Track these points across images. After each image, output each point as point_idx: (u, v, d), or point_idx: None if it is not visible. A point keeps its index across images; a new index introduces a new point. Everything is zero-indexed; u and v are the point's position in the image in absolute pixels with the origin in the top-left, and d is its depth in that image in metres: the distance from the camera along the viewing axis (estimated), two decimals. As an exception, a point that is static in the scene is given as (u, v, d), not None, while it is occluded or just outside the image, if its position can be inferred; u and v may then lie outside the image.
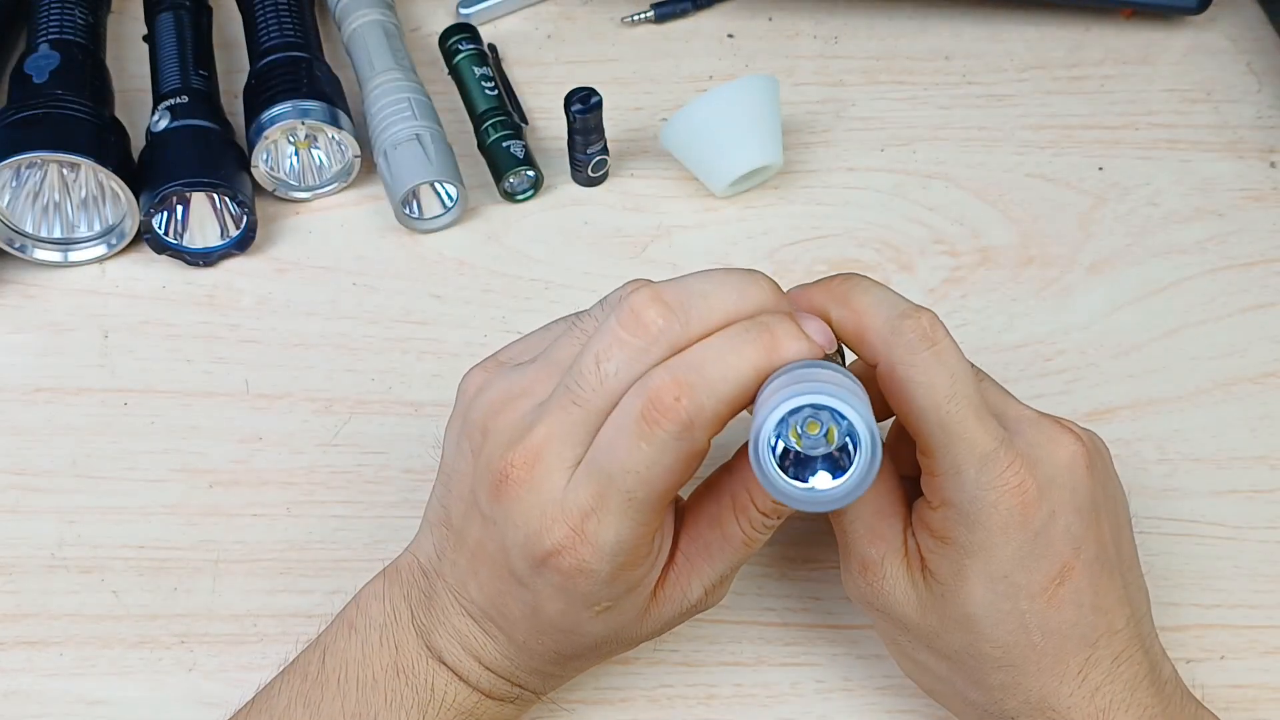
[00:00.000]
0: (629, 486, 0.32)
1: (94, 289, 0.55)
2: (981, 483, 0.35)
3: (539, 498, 0.34)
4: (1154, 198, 0.58)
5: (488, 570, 0.36)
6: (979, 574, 0.36)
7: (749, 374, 0.32)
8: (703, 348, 0.33)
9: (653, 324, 0.33)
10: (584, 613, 0.35)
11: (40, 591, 0.47)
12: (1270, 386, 0.52)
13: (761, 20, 0.65)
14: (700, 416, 0.32)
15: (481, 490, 0.35)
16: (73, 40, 0.57)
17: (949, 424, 0.35)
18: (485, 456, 0.35)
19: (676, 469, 0.33)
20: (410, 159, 0.55)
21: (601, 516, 0.33)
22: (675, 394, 0.32)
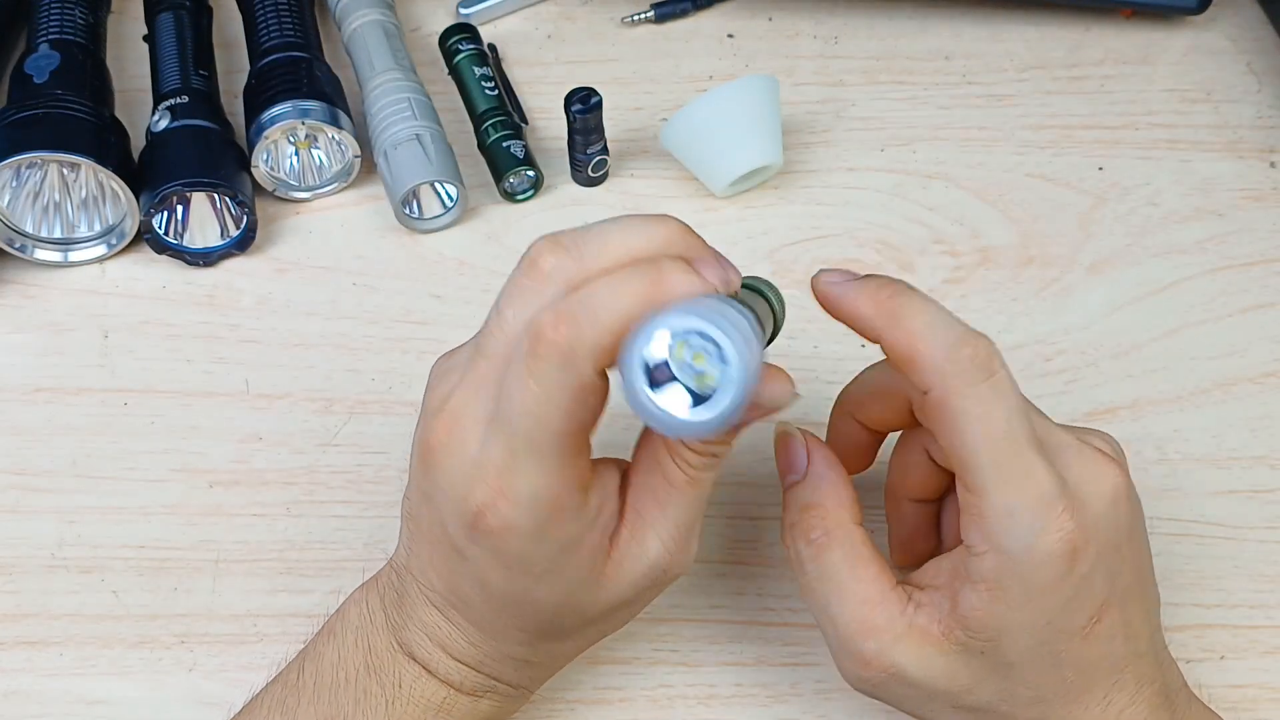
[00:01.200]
0: (527, 430, 0.31)
1: (94, 289, 0.55)
2: (1037, 529, 0.33)
3: (460, 460, 0.33)
4: (1154, 198, 0.58)
5: (437, 550, 0.36)
6: (1024, 624, 0.34)
7: (633, 305, 0.31)
8: (591, 283, 0.32)
9: (546, 264, 0.33)
10: (525, 578, 0.34)
11: (40, 591, 0.47)
12: (1270, 386, 0.52)
13: (761, 20, 0.65)
14: (580, 345, 0.31)
15: (417, 467, 0.35)
16: (73, 40, 0.57)
17: (1005, 463, 0.33)
18: (418, 433, 0.35)
19: (568, 406, 0.31)
20: (410, 159, 0.55)
21: (514, 467, 0.32)
22: (555, 324, 0.31)
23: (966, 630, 0.35)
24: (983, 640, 0.35)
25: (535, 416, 0.31)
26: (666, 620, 0.46)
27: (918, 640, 0.36)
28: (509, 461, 0.32)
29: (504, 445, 0.32)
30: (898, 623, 0.36)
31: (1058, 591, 0.34)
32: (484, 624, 0.37)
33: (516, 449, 0.32)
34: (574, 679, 0.45)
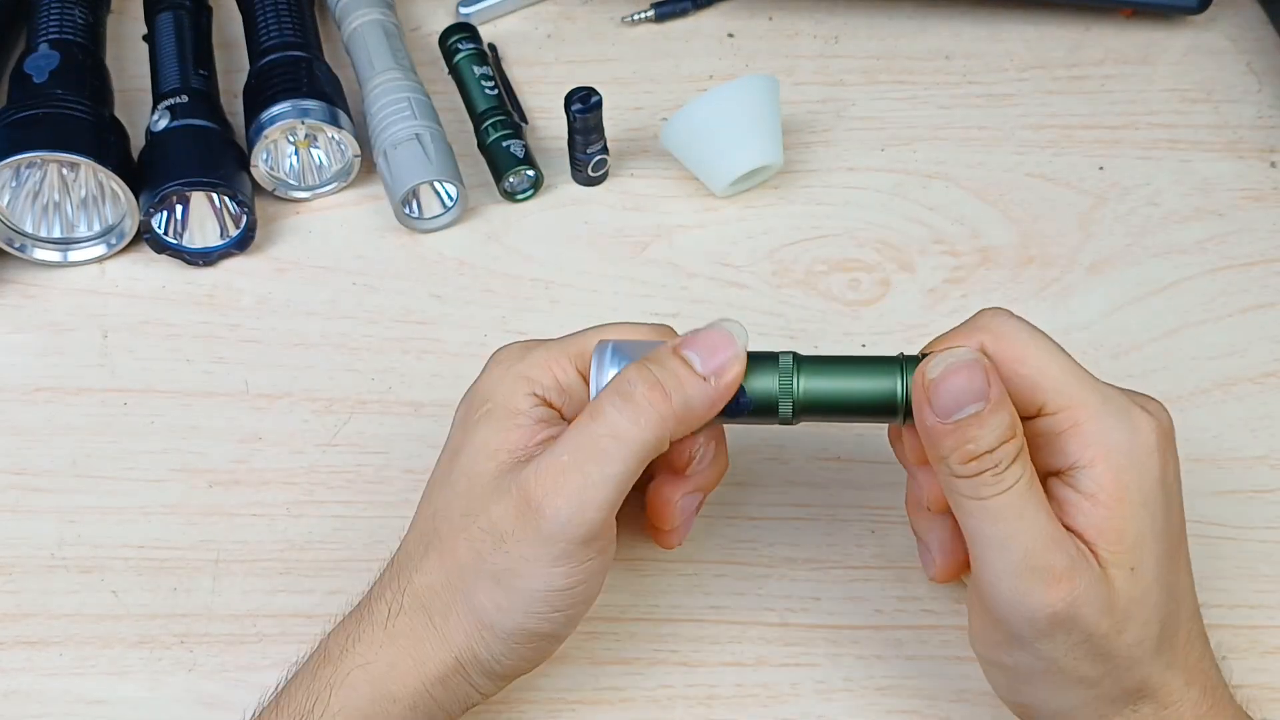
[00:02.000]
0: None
1: (94, 289, 0.55)
2: (1131, 422, 0.36)
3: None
4: (1154, 198, 0.58)
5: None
6: (1150, 528, 0.36)
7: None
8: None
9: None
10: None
11: (40, 591, 0.47)
12: (1270, 386, 0.52)
13: (761, 20, 0.65)
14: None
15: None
16: (73, 40, 0.57)
17: (1083, 378, 0.36)
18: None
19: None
20: (410, 159, 0.55)
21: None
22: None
23: (1110, 546, 0.35)
24: (1126, 551, 0.35)
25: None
26: (667, 620, 0.46)
27: (1088, 562, 0.35)
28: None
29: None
30: (1073, 543, 0.35)
31: (1161, 488, 0.36)
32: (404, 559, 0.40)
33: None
34: (575, 679, 0.45)
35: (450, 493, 0.39)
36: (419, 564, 0.39)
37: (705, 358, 0.37)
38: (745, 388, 0.38)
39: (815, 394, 0.38)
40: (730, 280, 0.55)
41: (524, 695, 0.44)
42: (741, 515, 0.48)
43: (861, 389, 0.38)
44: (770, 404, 0.38)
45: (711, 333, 0.38)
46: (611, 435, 0.36)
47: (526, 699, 0.44)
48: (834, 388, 0.38)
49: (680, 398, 0.37)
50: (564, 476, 0.36)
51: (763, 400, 0.38)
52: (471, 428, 0.39)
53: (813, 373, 0.38)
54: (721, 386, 0.37)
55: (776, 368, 0.38)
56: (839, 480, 0.49)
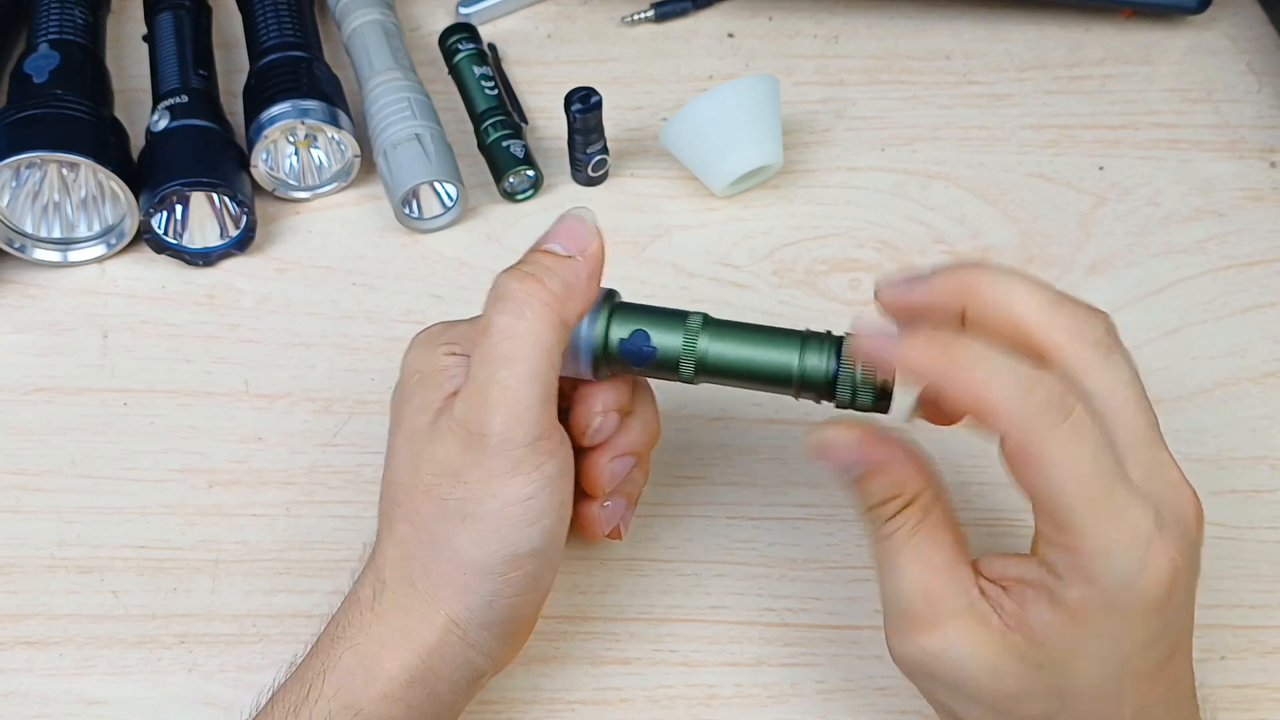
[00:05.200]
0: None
1: (94, 289, 0.55)
2: (1137, 566, 0.32)
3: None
4: (1154, 198, 0.58)
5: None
6: (1100, 655, 0.33)
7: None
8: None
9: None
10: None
11: (40, 591, 0.47)
12: (1270, 386, 0.52)
13: (761, 20, 0.65)
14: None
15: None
16: (73, 40, 0.57)
17: (1098, 502, 0.32)
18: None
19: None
20: (410, 159, 0.55)
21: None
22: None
23: (1030, 642, 0.34)
24: (1045, 657, 0.34)
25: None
26: (667, 621, 0.46)
27: (975, 623, 0.35)
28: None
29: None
30: (959, 598, 0.35)
31: (1146, 627, 0.33)
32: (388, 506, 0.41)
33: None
34: (575, 679, 0.45)
35: (397, 461, 0.39)
36: (389, 538, 0.39)
37: (565, 242, 0.38)
38: (652, 338, 0.40)
39: (716, 357, 0.40)
40: (730, 280, 0.55)
41: (524, 695, 0.44)
42: (741, 515, 0.48)
43: (761, 359, 0.39)
44: (673, 359, 0.40)
45: (563, 222, 0.39)
46: (505, 337, 0.37)
47: (526, 699, 0.44)
48: (735, 354, 0.39)
49: (555, 280, 0.37)
50: (486, 392, 0.36)
51: (667, 354, 0.40)
52: (405, 402, 0.40)
53: (717, 335, 0.40)
54: (591, 260, 0.38)
55: (684, 325, 0.40)
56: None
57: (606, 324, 0.40)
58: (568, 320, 0.38)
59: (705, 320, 0.40)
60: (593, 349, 0.40)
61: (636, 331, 0.40)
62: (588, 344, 0.40)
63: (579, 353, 0.40)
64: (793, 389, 0.39)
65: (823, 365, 0.39)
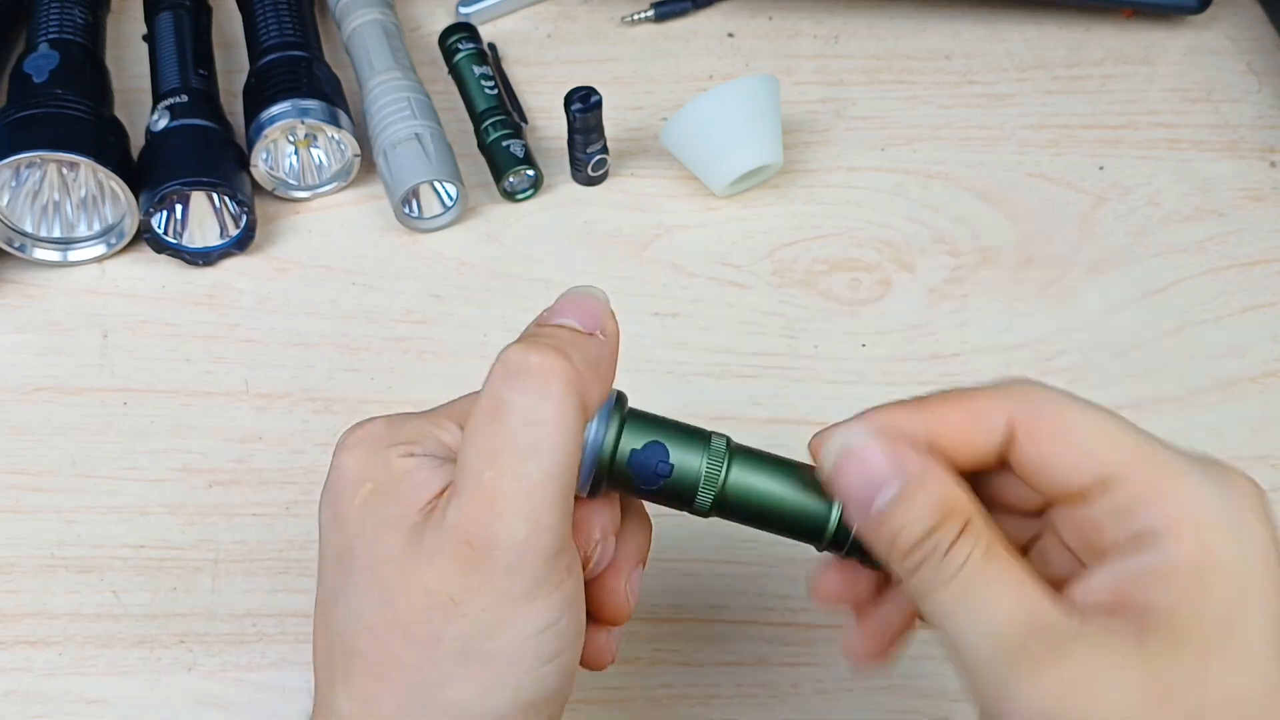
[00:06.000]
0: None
1: (93, 289, 0.55)
2: (1228, 485, 0.29)
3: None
4: (1154, 197, 0.58)
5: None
6: (1259, 615, 0.27)
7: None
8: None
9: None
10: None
11: (40, 591, 0.47)
12: (1270, 386, 0.52)
13: (761, 20, 0.65)
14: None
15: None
16: (73, 40, 0.57)
17: (1144, 439, 0.29)
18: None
19: None
20: (410, 158, 0.55)
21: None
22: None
23: (1180, 630, 0.27)
24: (1203, 635, 0.27)
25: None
26: (667, 620, 0.46)
27: (1106, 639, 0.27)
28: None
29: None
30: (1072, 618, 0.28)
31: (1276, 563, 0.28)
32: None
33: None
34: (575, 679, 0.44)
35: (357, 599, 0.30)
36: (345, 698, 0.30)
37: (581, 317, 0.32)
38: (670, 454, 0.33)
39: (741, 492, 0.33)
40: (730, 280, 0.55)
41: (524, 695, 0.44)
42: (741, 515, 0.48)
43: (793, 504, 0.33)
44: (690, 486, 0.33)
45: (573, 296, 0.32)
46: (527, 422, 0.29)
47: (526, 699, 0.44)
48: (763, 492, 0.33)
49: (579, 354, 0.30)
50: (498, 493, 0.29)
51: (685, 478, 0.33)
52: (355, 522, 0.31)
53: (745, 466, 0.33)
54: (610, 337, 0.32)
55: (707, 448, 0.33)
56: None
57: (619, 430, 0.32)
58: (589, 408, 0.31)
59: (730, 446, 0.33)
60: (598, 458, 0.32)
61: (653, 444, 0.33)
62: (592, 453, 0.32)
63: (580, 462, 0.32)
64: (822, 542, 0.33)
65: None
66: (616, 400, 0.33)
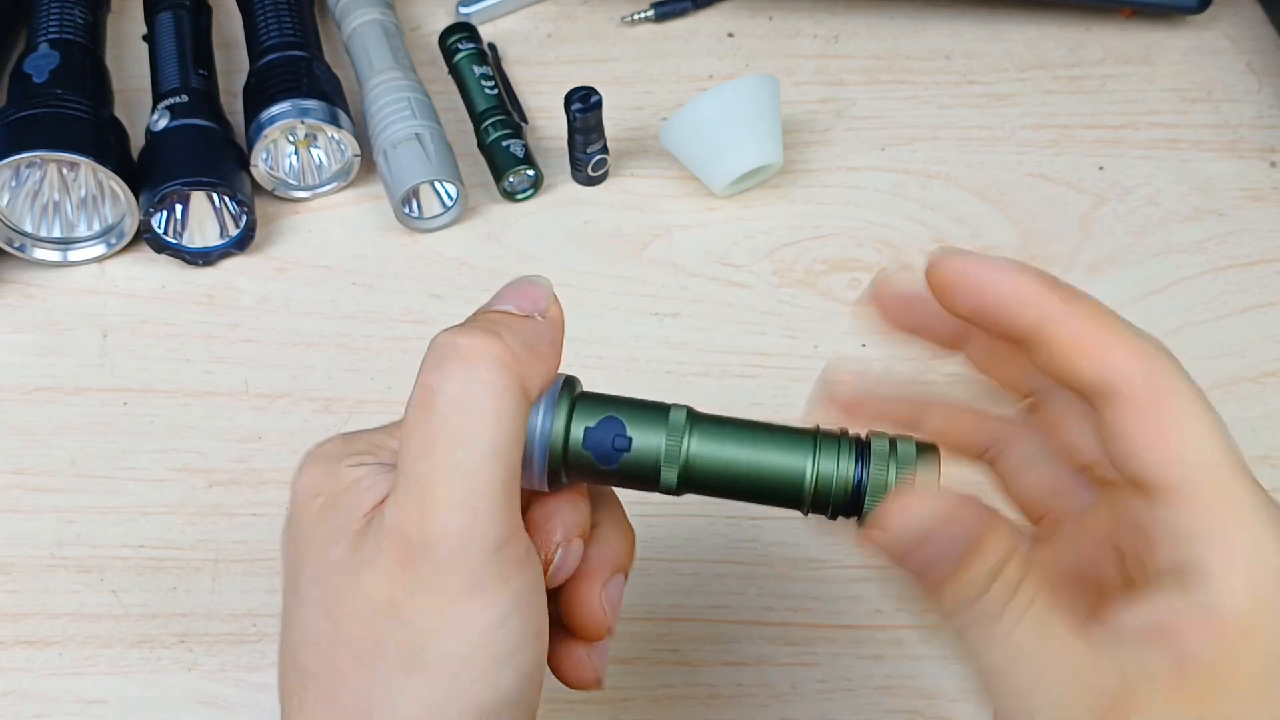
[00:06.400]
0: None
1: (93, 288, 0.55)
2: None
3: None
4: (1154, 197, 0.58)
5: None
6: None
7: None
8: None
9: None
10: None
11: (40, 591, 0.47)
12: (1270, 386, 0.52)
13: (761, 20, 0.65)
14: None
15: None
16: (73, 40, 0.57)
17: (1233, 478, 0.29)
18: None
19: None
20: (410, 158, 0.55)
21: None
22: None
23: (1212, 678, 0.26)
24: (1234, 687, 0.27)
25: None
26: (667, 620, 0.46)
27: (1144, 678, 0.26)
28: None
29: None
30: (1113, 668, 0.27)
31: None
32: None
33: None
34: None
35: (304, 615, 0.29)
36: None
37: (519, 302, 0.30)
38: (627, 428, 0.31)
39: (707, 463, 0.31)
40: (730, 280, 0.55)
41: (524, 695, 0.44)
42: (741, 515, 0.48)
43: (766, 466, 0.31)
44: (651, 462, 0.31)
45: (512, 285, 0.31)
46: (456, 408, 0.27)
47: (526, 699, 0.44)
48: (732, 459, 0.31)
49: (514, 337, 0.29)
50: (430, 484, 0.27)
51: (645, 454, 0.31)
52: (305, 538, 0.30)
53: (708, 436, 0.31)
54: (552, 321, 0.30)
55: (666, 422, 0.31)
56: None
57: (569, 412, 0.31)
58: (529, 390, 0.29)
59: (691, 415, 0.31)
60: (549, 444, 0.31)
61: (607, 419, 0.31)
62: (543, 438, 0.31)
63: (531, 451, 0.31)
64: (804, 504, 0.31)
65: (846, 473, 0.31)
66: (565, 382, 0.32)
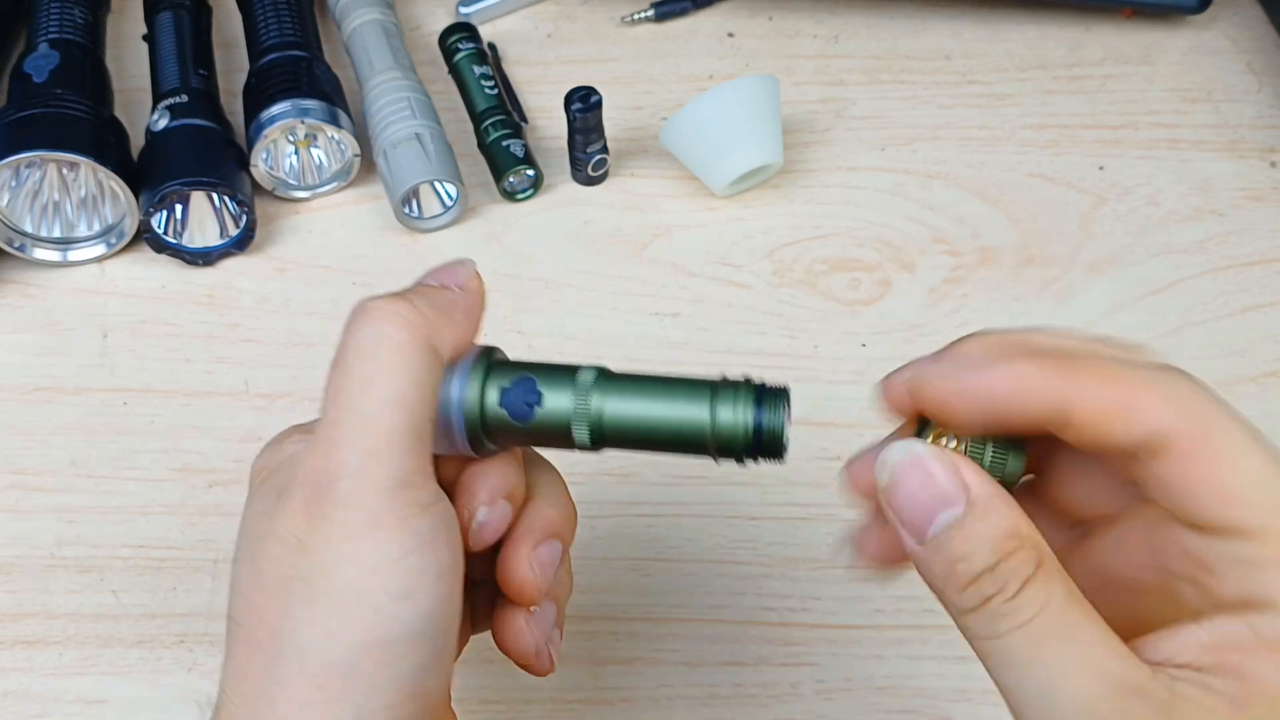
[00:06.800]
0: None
1: (93, 288, 0.55)
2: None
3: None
4: (1154, 197, 0.58)
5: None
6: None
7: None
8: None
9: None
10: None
11: (40, 591, 0.47)
12: (1270, 386, 0.52)
13: (761, 19, 0.65)
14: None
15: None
16: (73, 40, 0.57)
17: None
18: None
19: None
20: (410, 158, 0.55)
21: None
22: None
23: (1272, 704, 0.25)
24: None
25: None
26: (667, 620, 0.46)
27: (1199, 704, 0.25)
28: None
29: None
30: (1159, 685, 0.25)
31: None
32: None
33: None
34: (575, 679, 0.45)
35: (234, 572, 0.31)
36: (226, 676, 0.31)
37: (440, 277, 0.33)
38: (539, 384, 0.32)
39: (615, 417, 0.32)
40: (730, 280, 0.55)
41: (524, 695, 0.44)
42: (742, 515, 0.48)
43: (668, 417, 0.32)
44: (563, 420, 0.32)
45: (439, 266, 0.34)
46: (361, 357, 0.29)
47: (526, 698, 0.44)
48: (637, 412, 0.32)
49: (423, 302, 0.31)
50: (335, 428, 0.29)
51: (557, 411, 0.32)
52: (252, 510, 0.32)
53: (615, 391, 0.32)
54: (470, 292, 0.33)
55: (573, 381, 0.32)
56: (839, 480, 0.49)
57: (484, 378, 0.33)
58: (439, 348, 0.31)
59: (600, 374, 0.33)
60: (465, 409, 0.32)
61: (522, 379, 0.32)
62: (459, 403, 0.32)
63: (450, 417, 0.32)
64: (710, 450, 0.32)
65: (745, 418, 0.31)
66: (483, 351, 0.34)
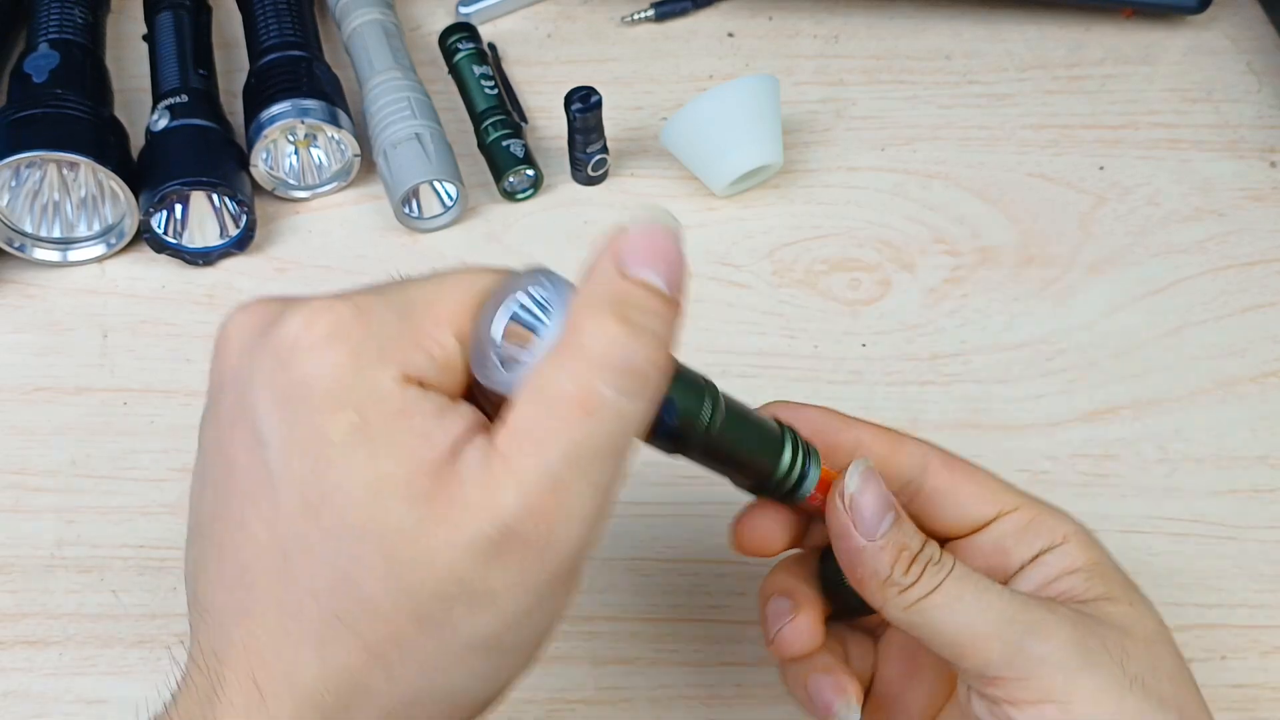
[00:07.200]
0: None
1: (93, 288, 0.55)
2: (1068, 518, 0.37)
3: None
4: (1154, 197, 0.58)
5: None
6: (1133, 587, 0.36)
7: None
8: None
9: None
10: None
11: (40, 591, 0.47)
12: (1270, 386, 0.52)
13: (761, 19, 0.65)
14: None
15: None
16: (73, 40, 0.57)
17: (1009, 485, 0.38)
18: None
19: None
20: (410, 158, 0.55)
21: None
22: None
23: (1104, 604, 0.35)
24: (1120, 596, 0.35)
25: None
26: (667, 620, 0.46)
27: (1068, 609, 0.34)
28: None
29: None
30: (1045, 603, 0.34)
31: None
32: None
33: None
34: (575, 679, 0.44)
35: (363, 568, 0.26)
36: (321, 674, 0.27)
37: (661, 269, 0.29)
38: (676, 400, 0.31)
39: (723, 432, 0.33)
40: (730, 280, 0.55)
41: (524, 695, 0.44)
42: (741, 515, 0.48)
43: (755, 445, 0.34)
44: (686, 429, 0.32)
45: (649, 235, 0.30)
46: (619, 421, 0.26)
47: (526, 699, 0.44)
48: (736, 434, 0.34)
49: (667, 344, 0.28)
50: (567, 494, 0.26)
51: (685, 420, 0.32)
52: (338, 461, 0.26)
53: (726, 409, 0.33)
54: (681, 304, 0.29)
55: (704, 392, 0.32)
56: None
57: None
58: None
59: (714, 391, 0.33)
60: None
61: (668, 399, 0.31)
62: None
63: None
64: (771, 489, 0.35)
65: (804, 467, 0.35)
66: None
